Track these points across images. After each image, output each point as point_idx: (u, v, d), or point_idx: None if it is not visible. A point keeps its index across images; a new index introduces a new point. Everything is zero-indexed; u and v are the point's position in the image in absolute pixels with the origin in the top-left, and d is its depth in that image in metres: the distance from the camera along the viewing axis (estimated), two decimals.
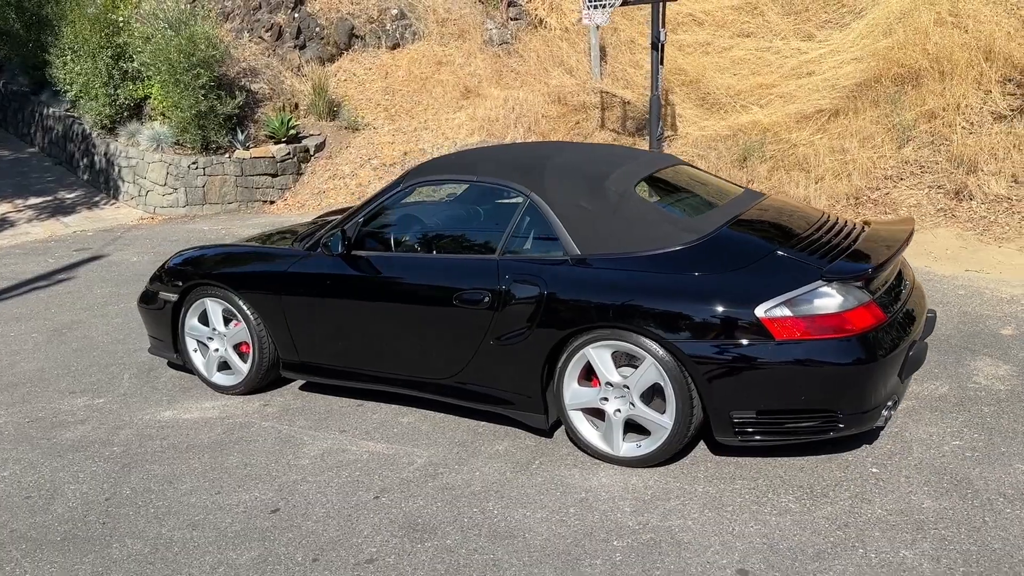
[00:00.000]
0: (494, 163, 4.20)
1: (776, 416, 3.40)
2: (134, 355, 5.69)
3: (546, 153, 4.27)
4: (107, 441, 4.39)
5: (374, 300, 4.18)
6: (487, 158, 4.27)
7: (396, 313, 4.13)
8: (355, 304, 4.24)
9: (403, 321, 4.12)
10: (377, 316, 4.19)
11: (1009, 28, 8.64)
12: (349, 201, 10.87)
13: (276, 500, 3.66)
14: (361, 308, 4.23)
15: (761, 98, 10.59)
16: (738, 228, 3.78)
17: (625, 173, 4.05)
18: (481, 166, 4.20)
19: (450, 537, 3.27)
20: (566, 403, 3.75)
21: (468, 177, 4.21)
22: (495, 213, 4.24)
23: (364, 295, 4.21)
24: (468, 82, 12.82)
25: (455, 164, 4.34)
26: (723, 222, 3.80)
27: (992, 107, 8.11)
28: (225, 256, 4.83)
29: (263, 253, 4.72)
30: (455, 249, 4.17)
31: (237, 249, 4.88)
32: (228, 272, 4.65)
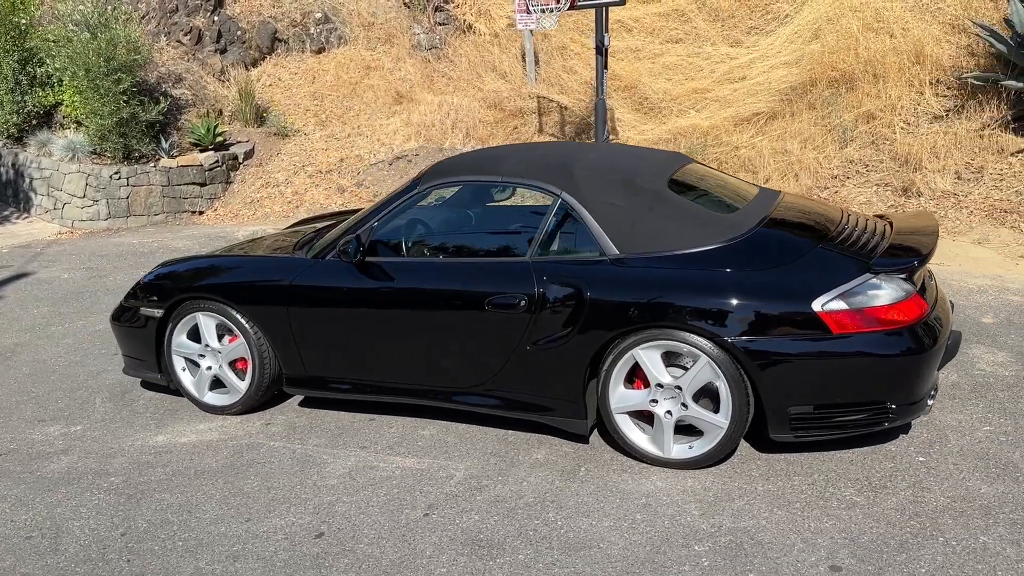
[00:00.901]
0: (519, 163, 4.08)
1: (832, 410, 3.41)
2: (99, 377, 5.28)
3: (568, 152, 4.18)
4: (101, 471, 4.04)
5: (396, 308, 4.00)
6: (510, 158, 4.15)
7: (421, 321, 3.96)
8: (374, 313, 4.05)
9: (428, 329, 3.95)
10: (399, 325, 4.01)
11: (937, 33, 9.08)
12: (286, 211, 10.49)
13: (316, 524, 3.44)
14: (381, 317, 4.04)
15: (697, 102, 10.80)
16: (774, 225, 3.79)
17: (654, 171, 4.01)
18: (506, 167, 4.07)
19: (521, 552, 3.13)
20: (612, 407, 3.67)
21: (492, 178, 4.08)
22: (523, 214, 4.11)
23: (384, 303, 4.02)
24: (400, 87, 12.59)
25: (476, 165, 4.19)
26: (758, 219, 3.81)
27: (926, 108, 8.50)
28: (218, 267, 4.53)
29: (263, 263, 4.45)
30: (481, 252, 4.03)
31: (231, 260, 4.59)
32: (224, 284, 4.36)
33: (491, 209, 4.37)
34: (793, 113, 9.75)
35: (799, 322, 3.36)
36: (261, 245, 4.95)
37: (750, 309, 3.41)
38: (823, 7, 11.00)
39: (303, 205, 10.57)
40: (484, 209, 4.44)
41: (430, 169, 4.20)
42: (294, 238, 4.96)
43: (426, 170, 4.20)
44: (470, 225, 4.44)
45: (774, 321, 3.38)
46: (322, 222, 5.55)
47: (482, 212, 4.43)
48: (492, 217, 4.35)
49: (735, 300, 3.43)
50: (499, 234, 4.15)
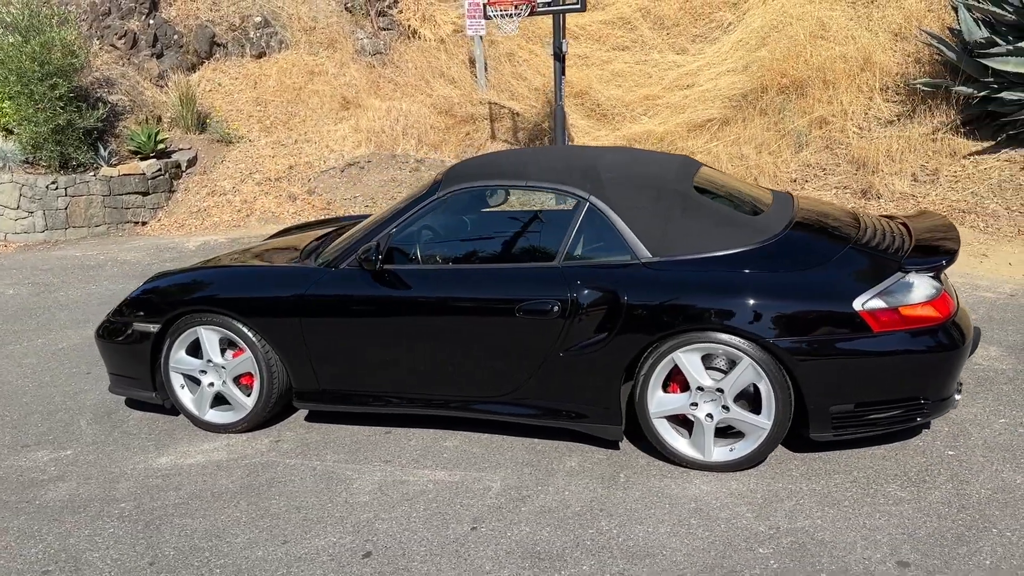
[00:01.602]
0: (543, 167, 4.03)
1: (871, 407, 3.47)
2: (76, 398, 4.98)
3: (588, 155, 4.16)
4: (108, 497, 3.80)
5: (420, 317, 3.89)
6: (533, 162, 4.09)
7: (446, 330, 3.86)
8: (396, 322, 3.93)
9: (455, 338, 3.86)
10: (423, 334, 3.90)
11: (883, 41, 9.43)
12: (236, 220, 10.17)
13: (360, 543, 3.30)
14: (404, 326, 3.93)
15: (649, 108, 10.95)
16: (802, 227, 3.84)
17: (676, 174, 4.02)
18: (530, 171, 4.01)
19: (584, 563, 3.08)
20: (651, 412, 3.65)
21: (517, 183, 4.01)
22: (548, 219, 4.05)
23: (408, 312, 3.91)
24: (345, 92, 12.37)
25: (497, 169, 4.12)
26: (786, 221, 3.85)
27: (877, 113, 8.81)
28: (221, 278, 4.33)
29: (271, 273, 4.28)
30: (505, 258, 3.95)
31: (233, 271, 4.39)
32: (230, 296, 4.17)
33: (510, 214, 4.30)
34: (745, 119, 9.98)
35: (841, 321, 3.40)
36: (252, 255, 4.76)
37: (792, 310, 3.44)
38: (766, 16, 11.30)
39: (253, 214, 10.27)
40: (502, 214, 4.36)
41: (449, 174, 4.11)
42: (293, 245, 4.79)
43: (445, 175, 4.10)
44: (490, 231, 4.35)
45: (816, 321, 3.42)
46: (310, 230, 5.38)
47: (500, 217, 4.35)
48: (512, 222, 4.27)
49: (776, 301, 3.46)
50: (522, 239, 4.09)
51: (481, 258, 3.96)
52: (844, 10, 10.57)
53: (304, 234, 5.22)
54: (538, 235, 4.00)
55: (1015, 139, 7.49)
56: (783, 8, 11.19)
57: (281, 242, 5.09)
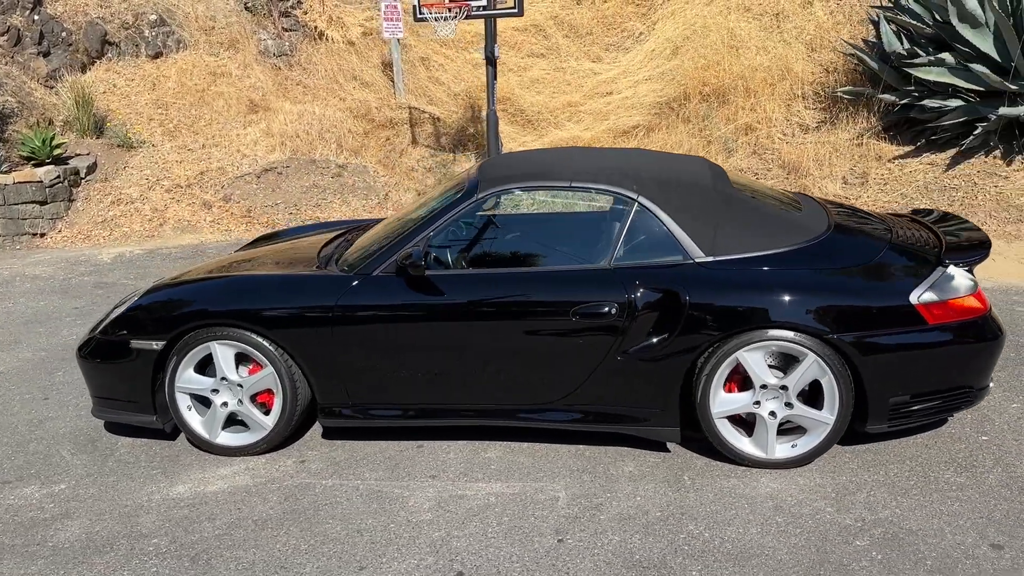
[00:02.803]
0: (580, 168, 3.97)
1: (925, 397, 3.60)
2: (45, 426, 4.50)
3: (622, 156, 4.12)
4: (133, 534, 3.44)
5: (466, 323, 3.74)
6: (565, 163, 4.01)
7: (496, 336, 3.73)
8: (441, 330, 3.76)
9: (505, 344, 3.73)
10: (469, 341, 3.75)
11: (799, 52, 9.90)
12: (149, 230, 9.51)
13: (446, 564, 3.13)
14: (448, 334, 3.76)
15: (572, 115, 11.05)
16: (844, 225, 3.94)
17: (713, 175, 4.05)
18: (573, 171, 3.93)
19: (691, 568, 3.03)
20: (714, 412, 3.64)
21: (559, 183, 3.92)
22: (591, 220, 3.98)
23: (453, 318, 3.75)
24: (252, 95, 11.83)
25: (535, 171, 4.02)
26: (825, 219, 3.95)
27: (800, 120, 9.24)
28: (237, 288, 4.02)
29: (295, 281, 4.00)
30: (553, 260, 3.85)
31: (251, 279, 4.08)
32: (250, 308, 3.86)
33: (551, 215, 4.19)
34: (669, 126, 10.24)
35: (899, 315, 3.52)
36: (248, 266, 4.44)
37: (852, 305, 3.53)
38: (676, 27, 11.65)
39: (167, 223, 9.63)
40: (542, 216, 4.24)
41: (486, 175, 3.97)
42: (292, 253, 4.51)
43: (481, 176, 3.96)
44: (532, 233, 4.23)
45: (876, 315, 3.52)
46: (300, 236, 5.09)
47: (540, 219, 4.23)
48: (553, 223, 4.17)
49: (837, 297, 3.54)
50: (567, 241, 3.99)
51: (528, 261, 3.84)
52: (750, 22, 11.04)
53: (290, 242, 4.92)
54: (583, 236, 3.92)
55: (934, 143, 8.02)
56: (692, 20, 11.58)
57: (268, 251, 4.77)
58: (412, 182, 10.69)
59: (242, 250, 5.13)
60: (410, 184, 10.64)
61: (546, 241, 4.05)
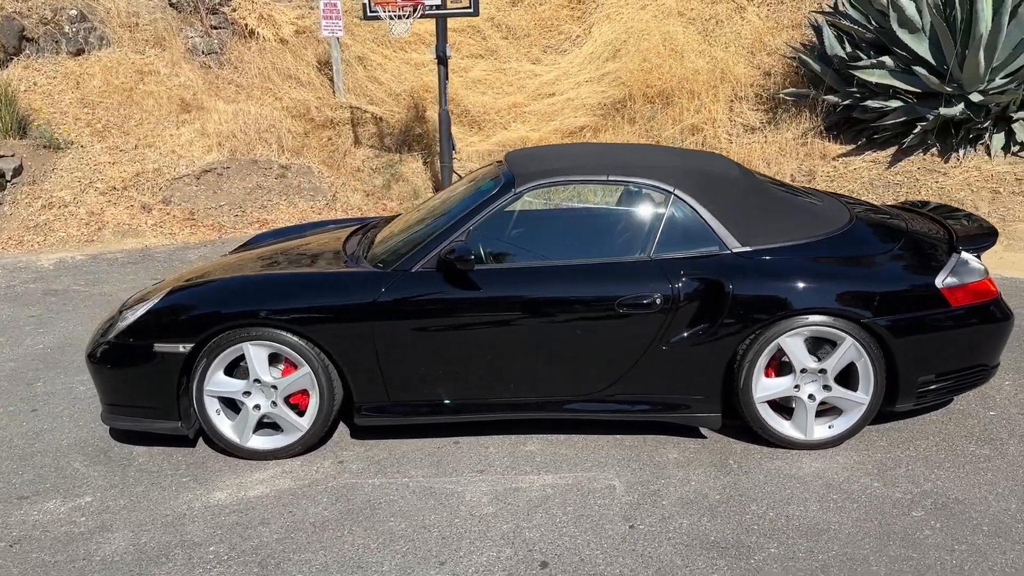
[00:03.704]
0: (612, 162, 4.05)
1: (948, 376, 3.83)
2: (44, 439, 4.25)
3: (647, 150, 4.22)
4: (186, 542, 3.30)
5: (512, 317, 3.76)
6: (595, 157, 4.08)
7: (541, 329, 3.76)
8: (485, 324, 3.77)
9: (550, 337, 3.76)
10: (515, 335, 3.77)
11: (735, 55, 10.27)
12: (87, 234, 9.06)
13: (525, 554, 3.14)
14: (493, 328, 3.77)
15: (518, 116, 11.13)
16: (863, 216, 4.15)
17: (739, 168, 4.19)
18: (610, 165, 4.00)
19: (769, 546, 3.14)
20: (756, 397, 3.77)
21: (597, 177, 3.98)
22: (626, 212, 4.05)
23: (498, 312, 3.76)
24: (183, 94, 11.40)
25: (571, 164, 4.06)
26: (846, 210, 4.15)
27: (744, 121, 9.59)
28: (270, 287, 3.90)
29: (329, 279, 3.92)
30: (594, 253, 3.90)
31: (284, 277, 3.98)
32: (287, 307, 3.76)
33: (586, 208, 4.23)
34: (615, 127, 10.45)
35: (927, 298, 3.73)
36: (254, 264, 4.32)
37: (886, 290, 3.72)
38: (613, 30, 11.89)
39: (106, 227, 9.20)
40: (577, 209, 4.28)
41: (521, 169, 3.99)
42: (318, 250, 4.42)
43: (516, 170, 3.98)
44: (570, 226, 4.25)
45: (907, 299, 3.72)
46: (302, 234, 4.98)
47: (575, 212, 4.26)
48: (588, 217, 4.20)
49: (870, 283, 3.72)
50: (605, 233, 4.03)
51: (568, 254, 3.88)
52: (686, 27, 11.38)
53: (296, 241, 4.80)
54: (621, 229, 3.98)
55: (874, 142, 8.48)
56: (629, 24, 11.84)
57: (277, 250, 4.63)
58: (359, 183, 10.55)
59: (240, 251, 4.97)
60: (357, 185, 10.50)
61: (581, 234, 4.10)
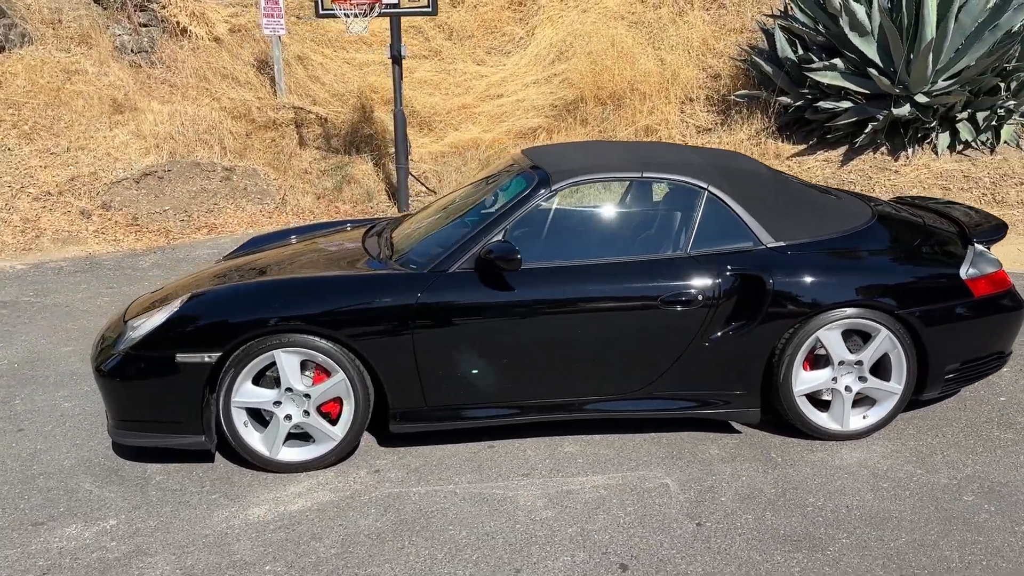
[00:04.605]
0: (651, 160, 4.04)
1: (971, 364, 3.96)
2: (43, 460, 3.95)
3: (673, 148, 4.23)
4: (239, 562, 3.12)
5: (554, 316, 3.71)
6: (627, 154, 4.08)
7: (584, 328, 3.72)
8: (528, 324, 3.71)
9: (591, 336, 3.73)
10: (558, 335, 3.72)
11: (681, 58, 10.45)
12: (24, 243, 8.52)
13: (600, 557, 3.10)
14: (535, 328, 3.72)
15: (468, 117, 11.04)
16: (884, 211, 4.26)
17: (763, 165, 4.25)
18: (641, 162, 3.99)
19: (840, 537, 3.18)
20: (795, 390, 3.81)
21: (631, 175, 3.97)
22: (660, 209, 4.04)
23: (541, 312, 3.70)
24: (114, 94, 10.86)
25: (602, 162, 4.03)
26: (866, 206, 4.25)
27: (697, 122, 9.77)
28: (298, 290, 3.73)
29: (362, 280, 3.79)
30: (631, 250, 3.88)
31: (313, 280, 3.80)
32: (320, 312, 3.61)
33: (617, 206, 4.18)
34: (567, 128, 10.48)
35: (953, 289, 3.85)
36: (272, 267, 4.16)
37: (916, 282, 3.83)
38: (557, 33, 11.93)
39: (44, 234, 8.68)
40: (608, 207, 4.23)
41: (554, 167, 3.94)
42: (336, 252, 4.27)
43: (550, 169, 3.92)
44: (604, 224, 4.19)
45: (936, 290, 3.84)
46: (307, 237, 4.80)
47: (607, 210, 4.21)
48: (621, 214, 4.16)
49: (900, 275, 3.83)
50: (641, 231, 4.00)
51: (606, 252, 3.85)
52: (630, 29, 11.52)
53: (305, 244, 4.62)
54: (656, 226, 3.97)
55: (826, 141, 8.77)
56: (572, 26, 11.91)
57: (286, 253, 4.45)
58: (308, 185, 10.27)
59: (237, 256, 4.75)
60: (307, 188, 10.21)
61: (623, 231, 4.07)
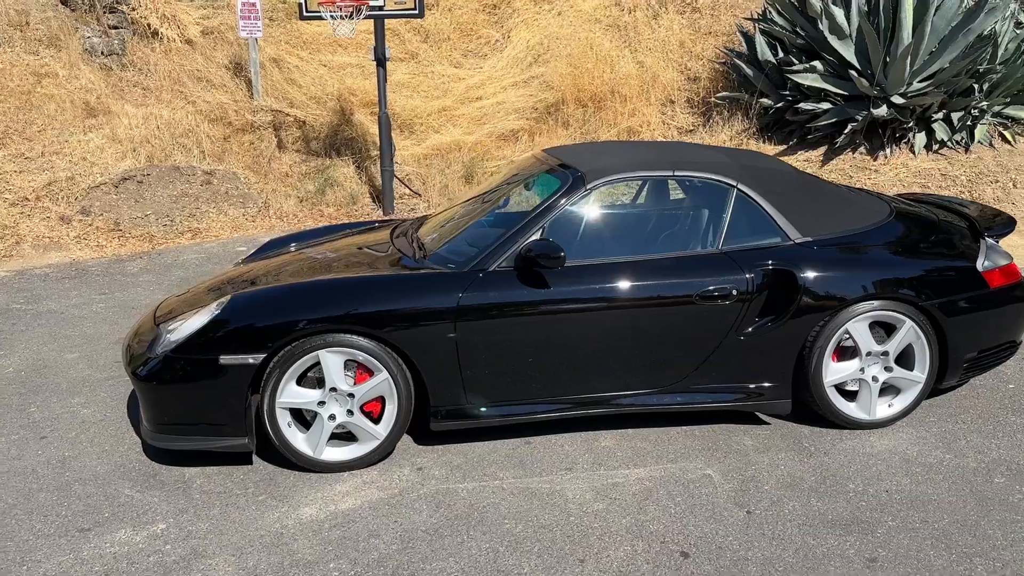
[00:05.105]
0: (680, 158, 4.14)
1: (987, 352, 4.13)
2: (73, 466, 3.90)
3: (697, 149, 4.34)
4: (301, 562, 3.14)
5: (594, 313, 3.79)
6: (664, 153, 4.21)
7: (622, 324, 3.80)
8: (568, 321, 3.78)
9: (630, 332, 3.81)
10: (595, 331, 3.79)
11: (658, 60, 10.62)
12: (4, 249, 8.31)
13: (659, 546, 3.18)
14: (575, 324, 3.79)
15: (448, 120, 11.06)
16: (900, 207, 4.41)
17: (785, 163, 4.38)
18: (674, 160, 4.10)
19: (887, 520, 3.31)
20: (826, 381, 3.92)
21: (664, 173, 4.07)
22: (689, 206, 4.14)
23: (582, 309, 3.78)
24: (87, 98, 10.67)
25: (635, 160, 4.13)
26: (883, 202, 4.40)
27: (679, 123, 9.94)
28: (341, 291, 3.75)
29: (405, 280, 3.82)
30: (665, 247, 3.97)
31: (354, 280, 3.82)
32: (365, 312, 3.63)
33: (646, 204, 4.27)
34: (549, 130, 10.57)
35: (971, 281, 4.01)
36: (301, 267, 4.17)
37: (937, 275, 3.98)
38: (533, 36, 12.02)
39: (24, 241, 8.49)
40: (638, 205, 4.31)
41: (587, 165, 4.01)
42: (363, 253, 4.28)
43: (583, 168, 3.99)
44: (635, 221, 4.27)
45: (956, 282, 3.99)
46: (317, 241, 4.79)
47: (637, 208, 4.30)
48: (650, 212, 4.25)
49: (923, 269, 3.98)
50: (672, 228, 4.10)
51: (642, 249, 3.93)
52: (606, 32, 11.67)
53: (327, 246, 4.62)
54: (687, 223, 4.06)
55: (807, 142, 8.99)
56: (548, 30, 12.01)
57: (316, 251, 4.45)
58: (291, 189, 10.19)
59: (257, 258, 4.73)
60: (289, 191, 10.13)
61: (654, 229, 4.16)
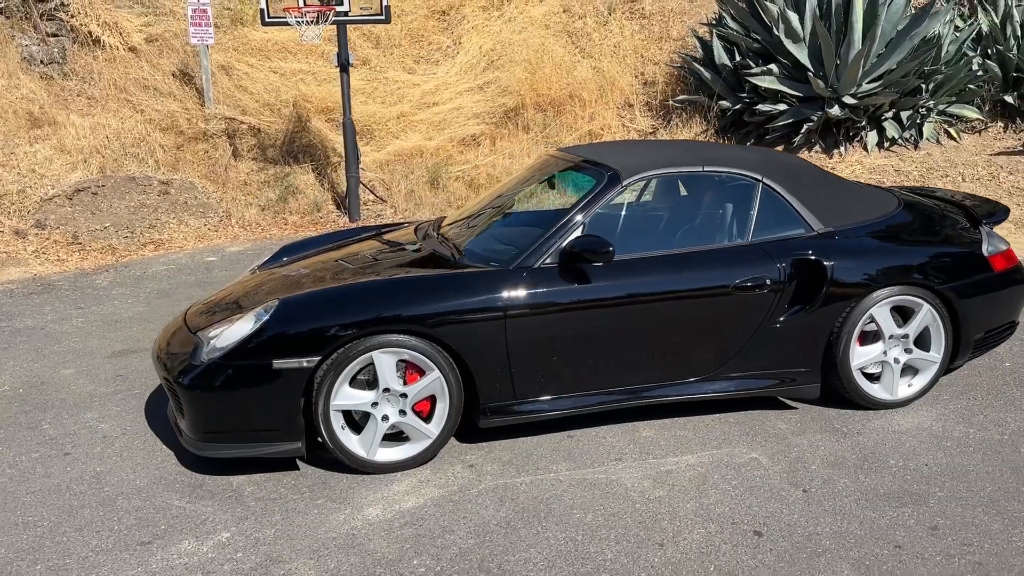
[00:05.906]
0: (708, 155, 4.30)
1: (992, 332, 4.40)
2: (112, 480, 3.80)
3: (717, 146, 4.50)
4: (382, 560, 3.15)
5: (639, 307, 3.90)
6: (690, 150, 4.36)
7: (664, 316, 3.93)
8: (612, 315, 3.89)
9: (671, 323, 3.94)
10: (639, 324, 3.91)
11: (614, 65, 10.85)
12: None
13: (731, 527, 3.29)
14: (619, 319, 3.90)
15: (407, 126, 11.04)
16: (906, 198, 4.65)
17: (799, 158, 4.58)
18: (700, 157, 4.25)
19: (935, 492, 3.48)
20: (853, 365, 4.12)
21: (694, 169, 4.21)
22: (716, 200, 4.28)
23: (625, 303, 3.88)
24: (29, 108, 10.28)
25: (663, 157, 4.27)
26: (891, 194, 4.64)
27: (638, 126, 10.17)
28: (389, 292, 3.75)
29: (452, 279, 3.85)
30: (698, 241, 4.11)
31: (400, 281, 3.84)
32: (416, 313, 3.65)
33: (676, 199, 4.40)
34: (510, 134, 10.67)
35: (979, 265, 4.28)
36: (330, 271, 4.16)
37: (950, 260, 4.23)
38: (484, 42, 12.11)
39: None
40: (666, 200, 4.43)
41: (618, 163, 4.12)
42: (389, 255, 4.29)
43: (617, 165, 4.09)
44: (667, 216, 4.38)
45: (966, 267, 4.25)
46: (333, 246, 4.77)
47: (666, 203, 4.42)
48: (680, 207, 4.37)
49: (936, 255, 4.23)
50: (703, 222, 4.22)
51: (677, 242, 4.07)
52: (557, 38, 11.85)
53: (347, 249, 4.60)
54: (717, 216, 4.20)
55: (764, 142, 9.32)
56: (500, 35, 12.11)
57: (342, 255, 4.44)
58: (251, 197, 10.01)
59: (272, 266, 4.66)
60: (250, 200, 9.96)
61: (682, 223, 4.29)
